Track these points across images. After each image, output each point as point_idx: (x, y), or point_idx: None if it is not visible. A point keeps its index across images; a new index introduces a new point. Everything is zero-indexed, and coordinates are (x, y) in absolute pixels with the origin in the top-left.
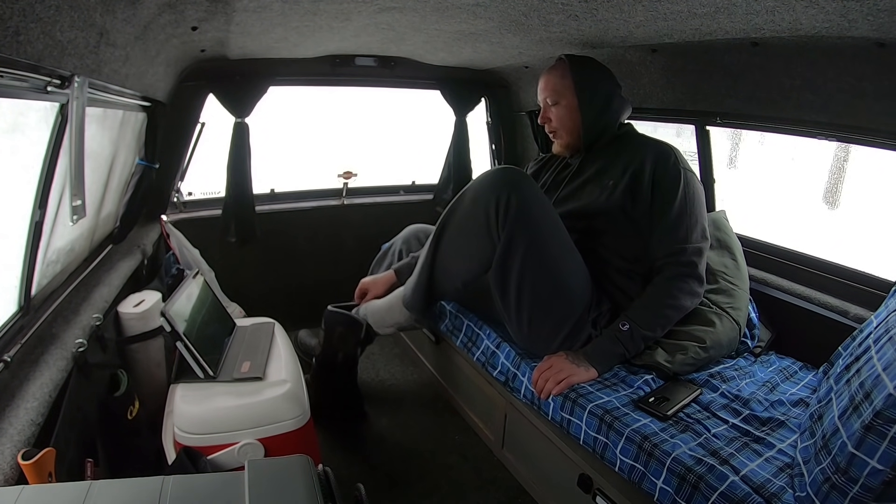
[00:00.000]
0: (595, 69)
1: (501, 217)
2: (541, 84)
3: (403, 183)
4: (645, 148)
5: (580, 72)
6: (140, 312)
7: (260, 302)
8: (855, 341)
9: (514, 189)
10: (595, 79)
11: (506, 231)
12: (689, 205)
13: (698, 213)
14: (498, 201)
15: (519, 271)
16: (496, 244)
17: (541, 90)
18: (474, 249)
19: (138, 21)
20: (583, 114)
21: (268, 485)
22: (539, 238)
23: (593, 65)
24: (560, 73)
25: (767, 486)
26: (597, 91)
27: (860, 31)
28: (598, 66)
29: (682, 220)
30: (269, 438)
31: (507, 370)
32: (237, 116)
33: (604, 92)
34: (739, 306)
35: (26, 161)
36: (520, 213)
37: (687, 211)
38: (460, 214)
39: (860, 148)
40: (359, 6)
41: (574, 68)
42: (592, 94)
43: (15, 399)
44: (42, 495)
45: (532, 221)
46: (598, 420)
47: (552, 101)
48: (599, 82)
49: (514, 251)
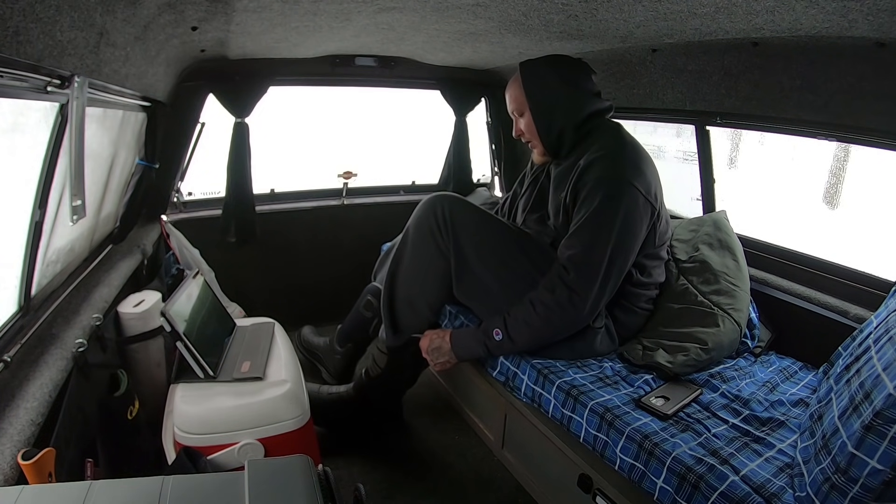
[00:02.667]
0: (545, 71)
1: (443, 226)
2: (507, 98)
3: (403, 183)
4: (591, 152)
5: (529, 78)
6: (140, 312)
7: (260, 302)
8: (855, 341)
9: (444, 200)
10: (543, 82)
11: (452, 238)
12: (602, 217)
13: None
14: (436, 214)
15: (477, 269)
16: (448, 256)
17: (507, 104)
18: (429, 268)
19: (138, 21)
20: (536, 122)
21: (268, 485)
22: (483, 231)
23: (544, 66)
24: (516, 83)
25: (767, 486)
26: (545, 95)
27: (860, 31)
28: (548, 67)
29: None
30: (269, 438)
31: (506, 370)
32: (237, 116)
33: (552, 95)
34: (740, 307)
35: (26, 161)
36: (456, 216)
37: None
38: (409, 246)
39: (860, 148)
40: (359, 6)
41: (524, 75)
42: (541, 100)
43: (15, 399)
44: (42, 495)
45: (470, 221)
46: (599, 418)
47: (517, 114)
48: (547, 85)
49: (466, 252)
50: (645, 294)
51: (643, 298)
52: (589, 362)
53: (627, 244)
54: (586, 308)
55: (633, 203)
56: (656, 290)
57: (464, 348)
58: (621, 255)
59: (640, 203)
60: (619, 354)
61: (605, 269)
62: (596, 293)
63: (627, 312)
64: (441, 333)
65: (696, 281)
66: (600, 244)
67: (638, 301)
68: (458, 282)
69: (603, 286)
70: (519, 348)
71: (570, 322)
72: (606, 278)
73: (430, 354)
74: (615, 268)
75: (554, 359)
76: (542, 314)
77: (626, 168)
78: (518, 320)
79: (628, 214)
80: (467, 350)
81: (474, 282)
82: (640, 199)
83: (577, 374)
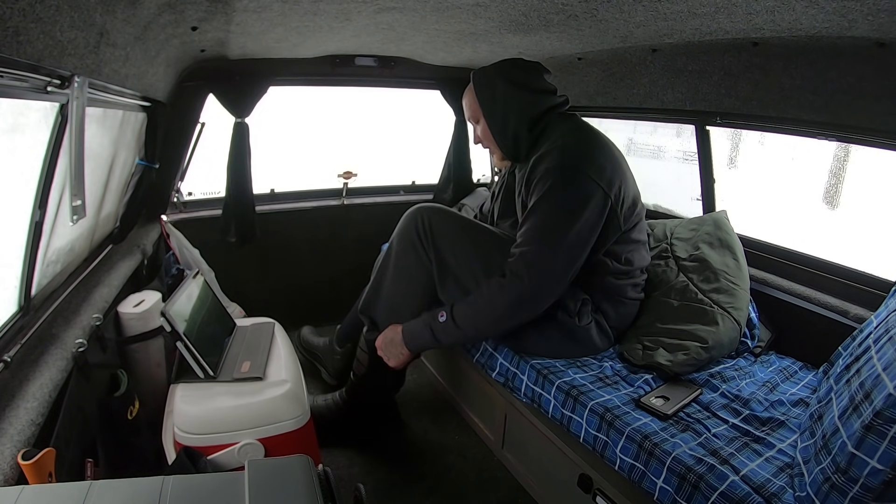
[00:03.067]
0: (494, 76)
1: (423, 236)
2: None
3: (403, 183)
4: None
5: (480, 85)
6: (140, 312)
7: (260, 302)
8: (855, 341)
9: (425, 211)
10: (494, 88)
11: (432, 246)
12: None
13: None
14: (416, 225)
15: (457, 272)
16: (430, 264)
17: (464, 112)
18: (413, 276)
19: (138, 21)
20: (490, 127)
21: (268, 485)
22: (462, 237)
23: (493, 72)
24: (470, 91)
25: (767, 486)
26: (495, 101)
27: (860, 31)
28: (498, 72)
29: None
30: (269, 438)
31: (505, 370)
32: (237, 116)
33: (503, 99)
34: (740, 306)
35: (26, 161)
36: (436, 226)
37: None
38: (393, 256)
39: (860, 148)
40: (359, 6)
41: (476, 83)
42: (492, 105)
43: (15, 399)
44: (42, 495)
45: (449, 229)
46: (599, 418)
47: (473, 121)
48: (498, 90)
49: (446, 258)
50: (630, 282)
51: (629, 286)
52: (589, 362)
53: (573, 229)
54: (528, 291)
55: (580, 189)
56: (643, 274)
57: (412, 335)
58: (567, 240)
59: (589, 188)
60: (619, 354)
61: (549, 253)
62: (539, 277)
63: (617, 304)
64: (395, 328)
65: (697, 279)
66: (544, 230)
67: (624, 291)
68: (441, 286)
69: (547, 271)
70: (464, 333)
71: (513, 304)
72: (551, 262)
73: (384, 350)
74: (561, 251)
75: (552, 359)
76: (484, 294)
77: (573, 156)
78: (462, 303)
79: (574, 200)
80: (415, 337)
81: (456, 285)
82: (588, 184)
83: (577, 375)
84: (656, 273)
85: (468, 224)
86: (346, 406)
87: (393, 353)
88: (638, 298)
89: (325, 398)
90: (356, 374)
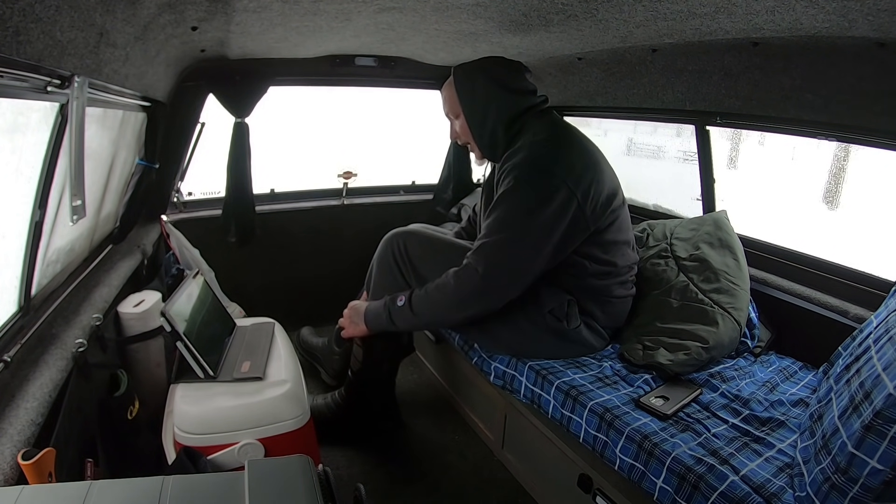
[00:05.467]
0: (476, 73)
1: (401, 259)
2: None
3: (403, 183)
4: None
5: (462, 81)
6: (140, 312)
7: (260, 302)
8: (855, 341)
9: (400, 237)
10: (474, 84)
11: (411, 268)
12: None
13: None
14: (393, 250)
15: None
16: (411, 284)
17: (442, 106)
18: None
19: (138, 21)
20: (469, 123)
21: (268, 485)
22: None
23: (475, 69)
24: (450, 86)
25: (767, 486)
26: (475, 97)
27: (860, 31)
28: (479, 69)
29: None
30: (269, 438)
31: (502, 373)
32: (237, 116)
33: (482, 95)
34: (740, 306)
35: (26, 161)
36: (411, 248)
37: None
38: (374, 281)
39: (860, 148)
40: (359, 6)
41: (457, 78)
42: (472, 102)
43: (15, 399)
44: (42, 495)
45: (424, 251)
46: (599, 418)
47: (452, 116)
48: (478, 87)
49: (424, 276)
50: (615, 281)
51: (615, 285)
52: (588, 362)
53: (532, 225)
54: (482, 283)
55: (543, 186)
56: (631, 271)
57: (372, 314)
58: (527, 236)
59: (553, 185)
60: (619, 354)
61: (506, 247)
62: (494, 270)
63: (604, 304)
64: (365, 303)
65: (697, 279)
66: (503, 224)
67: (610, 290)
68: None
69: (502, 266)
70: (419, 319)
71: (468, 295)
72: (506, 256)
73: (349, 317)
74: (519, 247)
75: (551, 360)
76: (439, 284)
77: (540, 153)
78: (421, 290)
79: (535, 196)
80: (375, 317)
81: None
82: (552, 181)
83: (577, 375)
84: (656, 273)
85: (442, 244)
86: (346, 404)
87: (352, 323)
88: (628, 295)
89: (324, 397)
90: (353, 371)
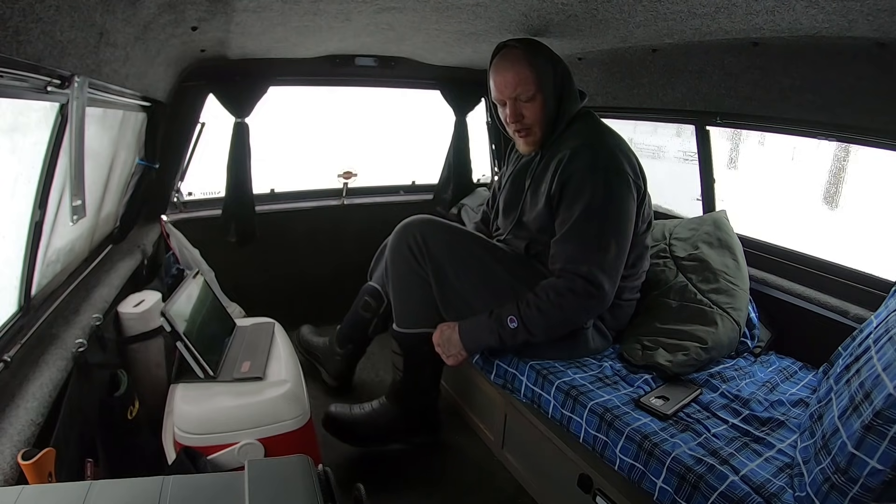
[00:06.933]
0: (553, 59)
1: (418, 252)
2: (504, 79)
3: (403, 183)
4: (571, 142)
5: (540, 60)
6: (140, 312)
7: (260, 302)
8: (855, 341)
9: (415, 226)
10: (553, 66)
11: (429, 262)
12: (597, 215)
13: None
14: (408, 242)
15: (458, 287)
16: (428, 279)
17: (506, 85)
18: (413, 292)
19: (138, 21)
20: (547, 105)
21: (268, 485)
22: (458, 250)
23: (552, 55)
24: (523, 63)
25: (767, 486)
26: (555, 77)
27: (860, 31)
28: (550, 51)
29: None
30: (269, 438)
31: (503, 372)
32: (237, 116)
33: (561, 75)
34: (740, 306)
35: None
36: (429, 239)
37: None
38: (391, 273)
39: (860, 148)
40: (359, 6)
41: (534, 53)
42: (553, 84)
43: (15, 399)
44: (42, 495)
45: (444, 242)
46: (599, 418)
47: (524, 97)
48: (556, 68)
49: (446, 272)
50: (629, 284)
51: (626, 289)
52: (588, 362)
53: (624, 225)
54: (596, 292)
55: (625, 187)
56: (638, 279)
57: (473, 340)
58: (622, 237)
59: (631, 185)
60: (618, 354)
61: (608, 251)
62: (604, 276)
63: (614, 308)
64: (451, 325)
65: (696, 279)
66: (603, 231)
67: (621, 294)
68: (442, 302)
69: (609, 269)
70: (534, 338)
71: (586, 308)
72: (608, 258)
73: (442, 347)
74: (619, 249)
75: (551, 359)
76: (553, 300)
77: (613, 154)
78: (531, 306)
79: (622, 198)
80: (477, 342)
81: (458, 300)
82: (630, 181)
83: (577, 375)
84: (655, 273)
85: (461, 234)
86: (403, 413)
87: (451, 353)
88: (633, 299)
89: (362, 408)
90: (395, 381)
